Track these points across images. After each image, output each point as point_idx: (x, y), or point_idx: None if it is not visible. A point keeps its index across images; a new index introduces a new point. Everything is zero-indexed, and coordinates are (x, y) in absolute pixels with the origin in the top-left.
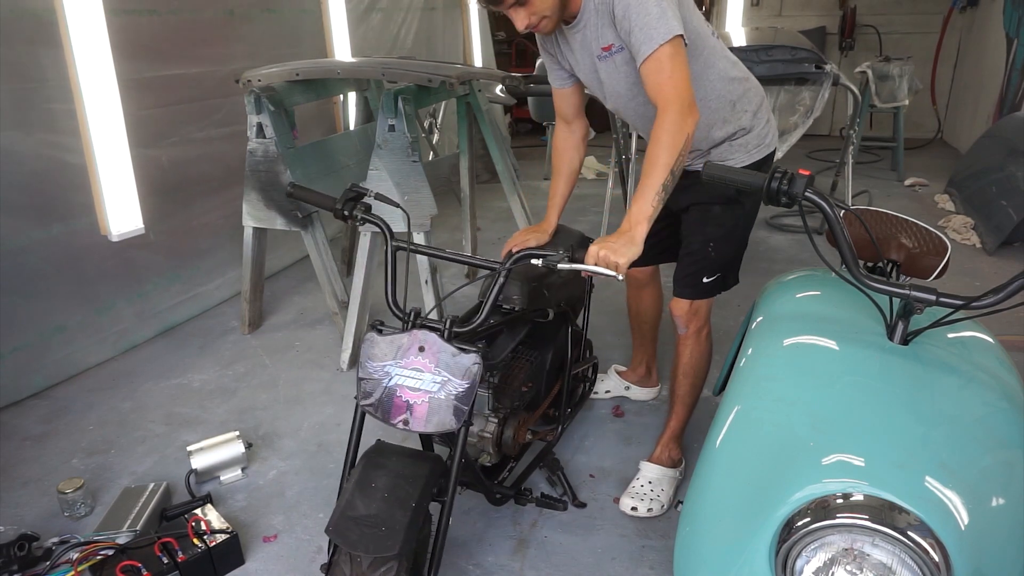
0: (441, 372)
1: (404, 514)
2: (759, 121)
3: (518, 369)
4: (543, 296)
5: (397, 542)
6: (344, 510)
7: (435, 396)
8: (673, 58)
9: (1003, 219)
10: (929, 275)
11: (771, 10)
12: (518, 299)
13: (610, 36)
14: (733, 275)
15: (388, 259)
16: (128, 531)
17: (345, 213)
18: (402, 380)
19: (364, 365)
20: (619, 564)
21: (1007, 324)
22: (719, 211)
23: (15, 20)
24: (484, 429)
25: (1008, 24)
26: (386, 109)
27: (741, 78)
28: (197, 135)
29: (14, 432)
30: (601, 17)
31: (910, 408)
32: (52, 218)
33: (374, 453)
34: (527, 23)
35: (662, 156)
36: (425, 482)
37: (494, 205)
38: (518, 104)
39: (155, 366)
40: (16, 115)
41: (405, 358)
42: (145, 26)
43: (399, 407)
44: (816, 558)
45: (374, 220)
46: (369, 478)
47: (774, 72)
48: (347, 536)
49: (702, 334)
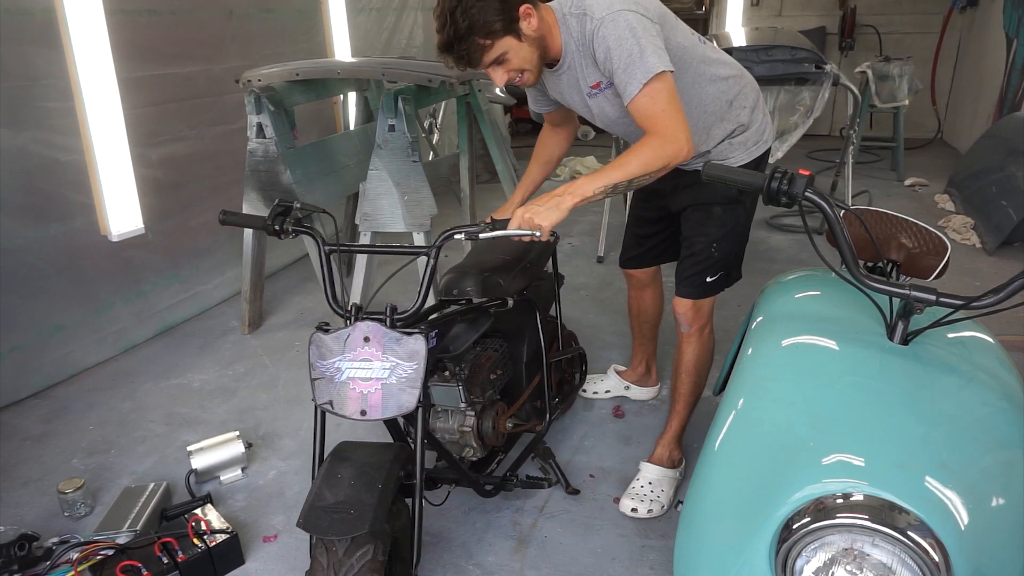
0: (389, 358)
1: (371, 495)
2: (756, 117)
3: (484, 359)
4: (499, 286)
5: (367, 521)
6: (313, 502)
7: (387, 382)
8: (663, 91)
9: (1003, 219)
10: (929, 275)
11: (771, 10)
12: (472, 290)
13: (595, 75)
14: (736, 271)
15: (322, 262)
16: (128, 531)
17: (276, 228)
18: (353, 372)
19: (315, 366)
20: (619, 564)
21: (1007, 324)
22: (720, 211)
23: (13, 18)
24: (463, 424)
25: (1008, 24)
26: (386, 109)
27: (734, 76)
28: (196, 134)
29: (14, 432)
30: (584, 58)
31: (910, 408)
32: (51, 218)
33: (339, 450)
34: (507, 79)
35: (632, 164)
36: (390, 466)
37: (494, 205)
38: (518, 104)
39: (155, 366)
40: (13, 114)
41: (352, 351)
42: (144, 26)
43: (354, 399)
44: (816, 558)
45: (304, 230)
46: (335, 471)
47: (774, 72)
48: (318, 524)
49: (705, 332)
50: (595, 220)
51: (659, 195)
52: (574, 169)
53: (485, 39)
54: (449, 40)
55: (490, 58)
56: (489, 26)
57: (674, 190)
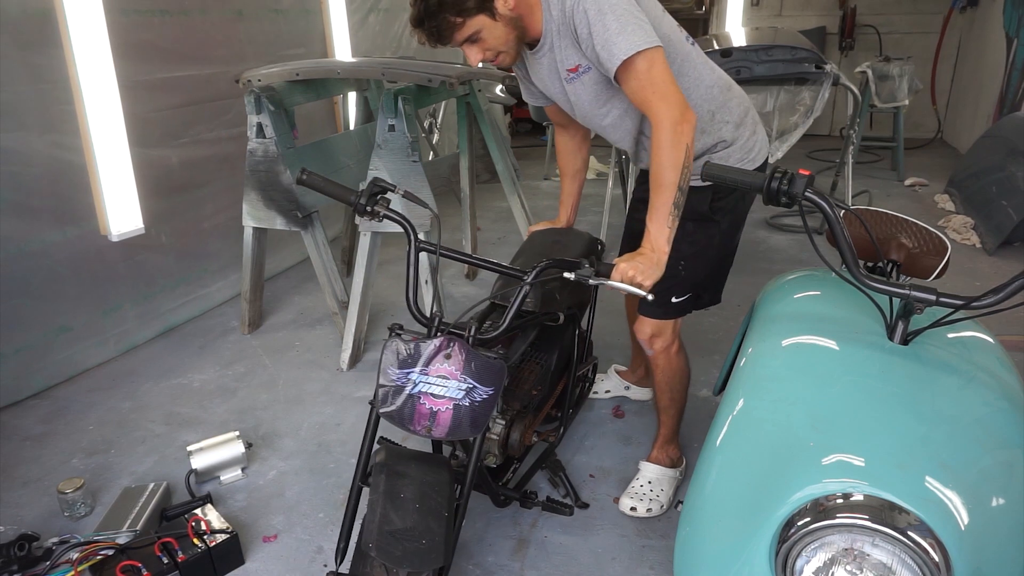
0: (467, 379)
1: (440, 525)
2: (743, 133)
3: (528, 372)
4: (555, 299)
5: (440, 555)
6: (380, 524)
7: (460, 403)
8: (650, 70)
9: (1003, 219)
10: (929, 275)
11: (771, 10)
12: (531, 302)
13: (575, 57)
14: (711, 294)
15: (411, 261)
16: (128, 531)
17: (368, 208)
18: (426, 387)
19: (386, 372)
20: (619, 564)
21: (1007, 324)
22: (691, 228)
23: (30, 20)
24: (491, 431)
25: (1008, 24)
26: (386, 109)
27: (721, 86)
28: (215, 136)
29: (14, 432)
30: (563, 38)
31: (910, 408)
32: (66, 221)
33: (390, 459)
34: (481, 58)
35: (667, 175)
36: (450, 490)
37: (494, 205)
38: (518, 104)
39: (155, 366)
40: (31, 117)
41: (430, 365)
42: (157, 26)
43: (422, 414)
44: (816, 558)
45: (398, 218)
46: (395, 488)
47: (774, 72)
48: (391, 553)
49: (671, 351)
50: (595, 220)
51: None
52: None
53: (456, 16)
54: (420, 15)
55: (462, 36)
56: (461, 4)
57: None
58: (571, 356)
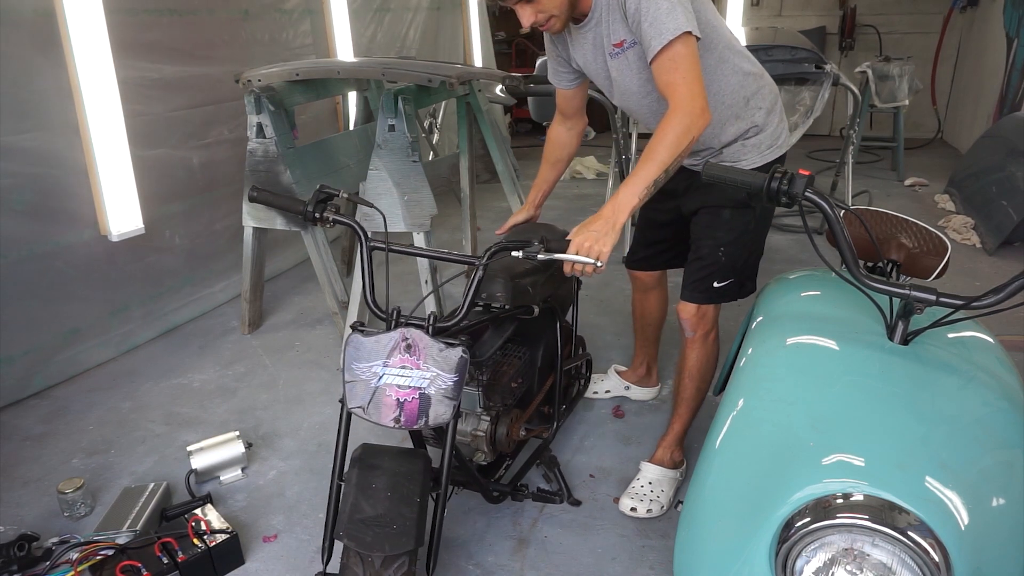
0: (430, 368)
1: (411, 510)
2: (772, 120)
3: (507, 366)
4: (527, 293)
5: (411, 538)
6: (351, 513)
7: (425, 392)
8: (687, 57)
9: (1003, 219)
10: (929, 275)
11: (771, 10)
12: (502, 296)
13: (622, 32)
14: (751, 281)
15: (363, 260)
16: (128, 531)
17: (316, 215)
18: (391, 379)
19: (350, 368)
20: (619, 564)
21: (1007, 324)
22: (729, 215)
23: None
24: (477, 428)
25: (1008, 24)
26: (386, 109)
27: (756, 73)
28: (229, 136)
29: (14, 432)
30: (612, 13)
31: (910, 408)
32: (82, 223)
33: (365, 456)
34: (533, 20)
35: (661, 152)
36: (422, 477)
37: (494, 205)
38: (518, 104)
39: (155, 366)
40: (49, 117)
41: (392, 357)
42: (166, 26)
43: (389, 406)
44: (816, 558)
45: (346, 221)
46: (367, 480)
47: (774, 72)
48: (361, 539)
49: (709, 338)
50: None
51: (672, 196)
52: (574, 170)
53: None
54: None
55: None
56: None
57: (687, 190)
58: (556, 351)
